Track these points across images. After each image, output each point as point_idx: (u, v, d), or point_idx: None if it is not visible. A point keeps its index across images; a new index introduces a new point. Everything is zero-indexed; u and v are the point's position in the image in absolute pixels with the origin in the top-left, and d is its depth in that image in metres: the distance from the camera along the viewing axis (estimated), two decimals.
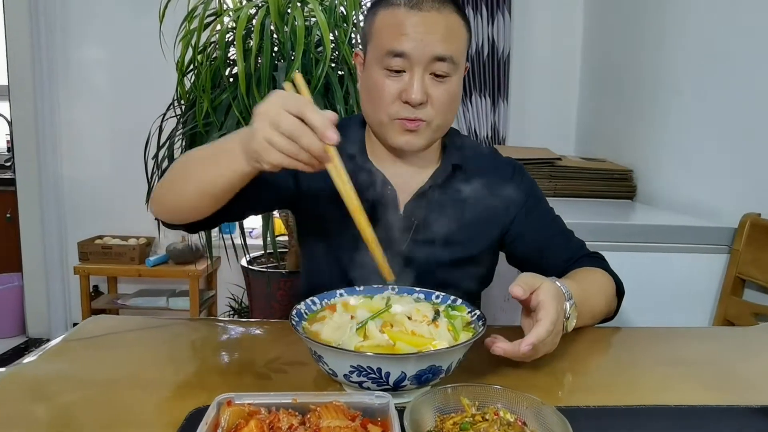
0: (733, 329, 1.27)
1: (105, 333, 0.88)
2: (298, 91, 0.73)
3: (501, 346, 0.74)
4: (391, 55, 0.88)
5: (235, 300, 3.03)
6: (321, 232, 1.02)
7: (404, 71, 0.89)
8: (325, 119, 0.65)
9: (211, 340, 0.86)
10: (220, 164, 0.77)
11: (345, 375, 0.62)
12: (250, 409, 0.55)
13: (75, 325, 3.09)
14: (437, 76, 0.89)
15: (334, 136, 0.64)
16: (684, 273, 1.63)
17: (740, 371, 0.81)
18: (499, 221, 1.04)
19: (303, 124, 0.64)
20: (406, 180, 1.00)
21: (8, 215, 3.15)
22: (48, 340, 0.87)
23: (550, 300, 0.73)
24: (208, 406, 0.56)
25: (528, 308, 0.76)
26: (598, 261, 1.03)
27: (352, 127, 1.05)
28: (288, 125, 0.64)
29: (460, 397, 0.57)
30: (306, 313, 0.75)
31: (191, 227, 0.93)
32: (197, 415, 0.61)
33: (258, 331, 0.92)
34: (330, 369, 0.64)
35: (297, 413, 0.55)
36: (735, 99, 1.69)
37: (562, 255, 1.03)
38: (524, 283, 0.73)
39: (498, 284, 1.15)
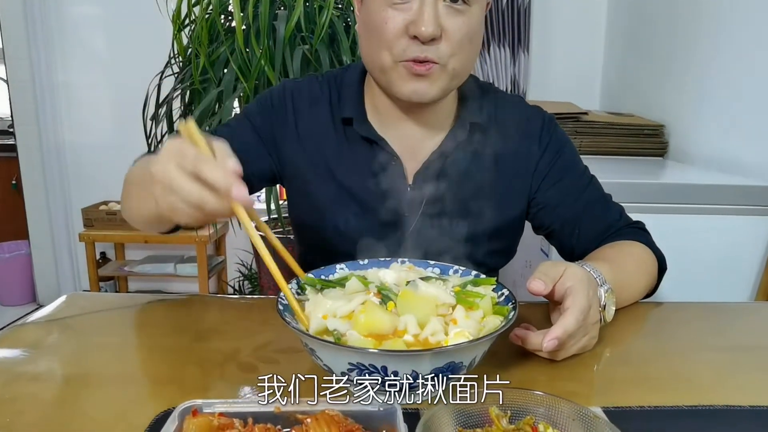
0: None
1: (77, 313, 0.78)
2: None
3: (520, 334, 0.62)
4: None
5: (244, 265, 2.95)
6: (312, 207, 0.88)
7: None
8: (226, 176, 0.52)
9: (193, 322, 0.75)
10: (151, 201, 0.62)
11: (343, 373, 0.51)
12: (221, 421, 0.43)
13: (85, 291, 3.08)
14: (453, 3, 0.72)
15: (240, 194, 0.52)
16: (724, 237, 1.48)
17: None
18: (525, 187, 0.89)
19: (202, 188, 0.52)
20: (416, 144, 0.85)
21: (14, 182, 3.08)
22: None
23: (578, 286, 0.61)
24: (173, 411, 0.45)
25: (555, 301, 0.64)
26: (637, 233, 0.88)
27: (348, 82, 0.88)
28: (186, 194, 0.53)
29: (487, 405, 0.45)
30: (297, 293, 0.63)
31: (170, 231, 0.82)
32: (163, 420, 0.50)
33: (249, 310, 0.80)
34: (325, 365, 0.52)
35: (279, 427, 0.43)
36: None
37: (596, 226, 0.88)
38: (544, 275, 0.61)
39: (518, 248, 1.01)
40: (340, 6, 1.95)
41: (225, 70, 1.85)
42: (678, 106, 2.02)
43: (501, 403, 0.45)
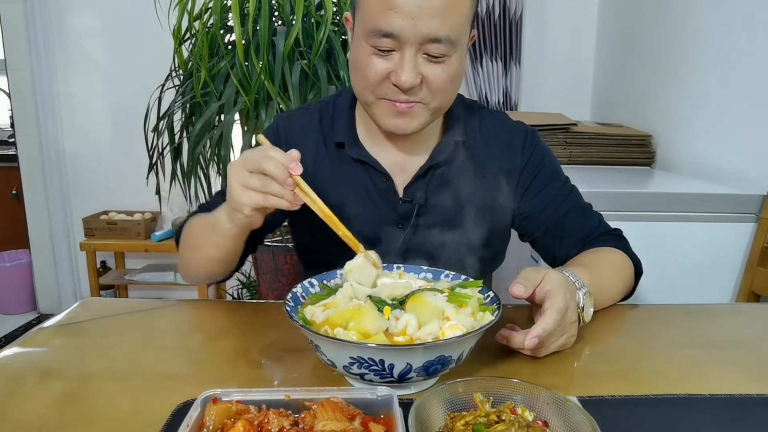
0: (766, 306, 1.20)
1: (94, 317, 0.83)
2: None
3: (505, 334, 0.68)
4: (378, 34, 0.75)
5: (243, 274, 3.00)
6: (312, 227, 0.94)
7: (394, 50, 0.77)
8: (286, 155, 0.69)
9: (204, 325, 0.81)
10: (216, 233, 0.80)
11: (345, 366, 0.56)
12: (238, 407, 0.49)
13: (97, 297, 3.11)
14: (432, 56, 0.77)
15: (297, 168, 0.69)
16: (707, 243, 1.55)
17: None
18: (509, 197, 0.95)
19: (268, 156, 0.69)
20: (405, 160, 0.91)
21: (14, 192, 3.12)
22: None
23: (556, 289, 0.67)
24: (195, 400, 0.50)
25: (537, 304, 0.70)
26: (615, 240, 0.94)
27: (340, 107, 0.94)
28: (254, 161, 0.69)
29: (472, 392, 0.51)
30: (303, 297, 0.69)
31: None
32: (184, 410, 0.55)
33: (255, 314, 0.86)
34: (328, 360, 0.58)
35: (289, 412, 0.49)
36: (763, 57, 1.58)
37: (577, 234, 0.94)
38: (525, 280, 0.67)
39: (508, 255, 1.08)
40: (336, 21, 2.02)
41: (225, 84, 1.91)
42: (665, 117, 2.08)
43: (485, 390, 0.51)
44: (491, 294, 0.67)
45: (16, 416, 0.57)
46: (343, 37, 1.98)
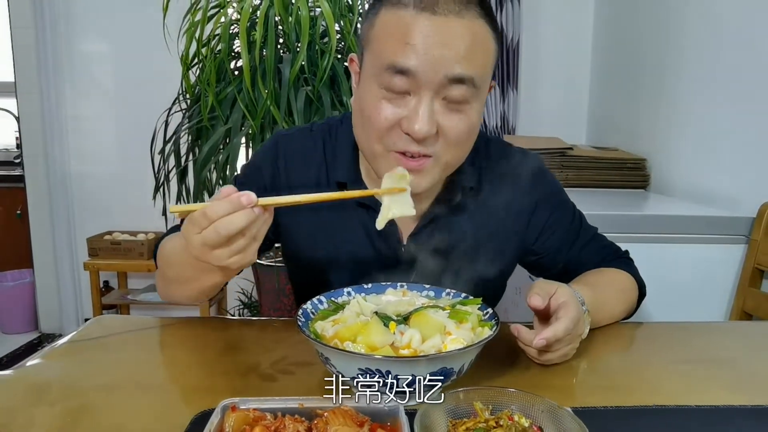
0: (754, 324, 1.24)
1: (109, 334, 0.87)
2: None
3: (518, 327, 0.70)
4: (392, 70, 0.67)
5: (244, 294, 3.02)
6: (308, 268, 0.91)
7: (408, 93, 0.69)
8: (229, 200, 0.58)
9: (215, 340, 0.84)
10: (200, 279, 0.73)
11: (353, 377, 0.60)
12: (255, 414, 0.53)
13: (87, 320, 3.12)
14: (452, 102, 0.69)
15: (251, 198, 0.58)
16: (700, 264, 1.59)
17: (765, 370, 0.78)
18: (518, 240, 0.92)
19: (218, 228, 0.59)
20: None
21: (18, 212, 3.17)
22: (60, 336, 0.86)
23: (570, 300, 0.70)
24: (213, 410, 0.54)
25: (543, 315, 0.73)
26: (624, 262, 0.97)
27: (342, 141, 0.86)
28: (212, 240, 0.59)
29: (472, 401, 0.54)
30: (313, 313, 0.73)
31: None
32: (202, 419, 0.59)
33: (264, 330, 0.90)
34: (338, 371, 0.62)
35: (303, 419, 0.53)
36: (752, 84, 1.64)
37: (592, 262, 0.95)
38: (541, 290, 0.70)
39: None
40: (339, 48, 2.09)
41: (232, 109, 1.97)
42: (659, 141, 2.14)
43: (484, 399, 0.55)
44: (490, 311, 0.71)
45: (41, 427, 0.60)
46: (346, 64, 2.05)
